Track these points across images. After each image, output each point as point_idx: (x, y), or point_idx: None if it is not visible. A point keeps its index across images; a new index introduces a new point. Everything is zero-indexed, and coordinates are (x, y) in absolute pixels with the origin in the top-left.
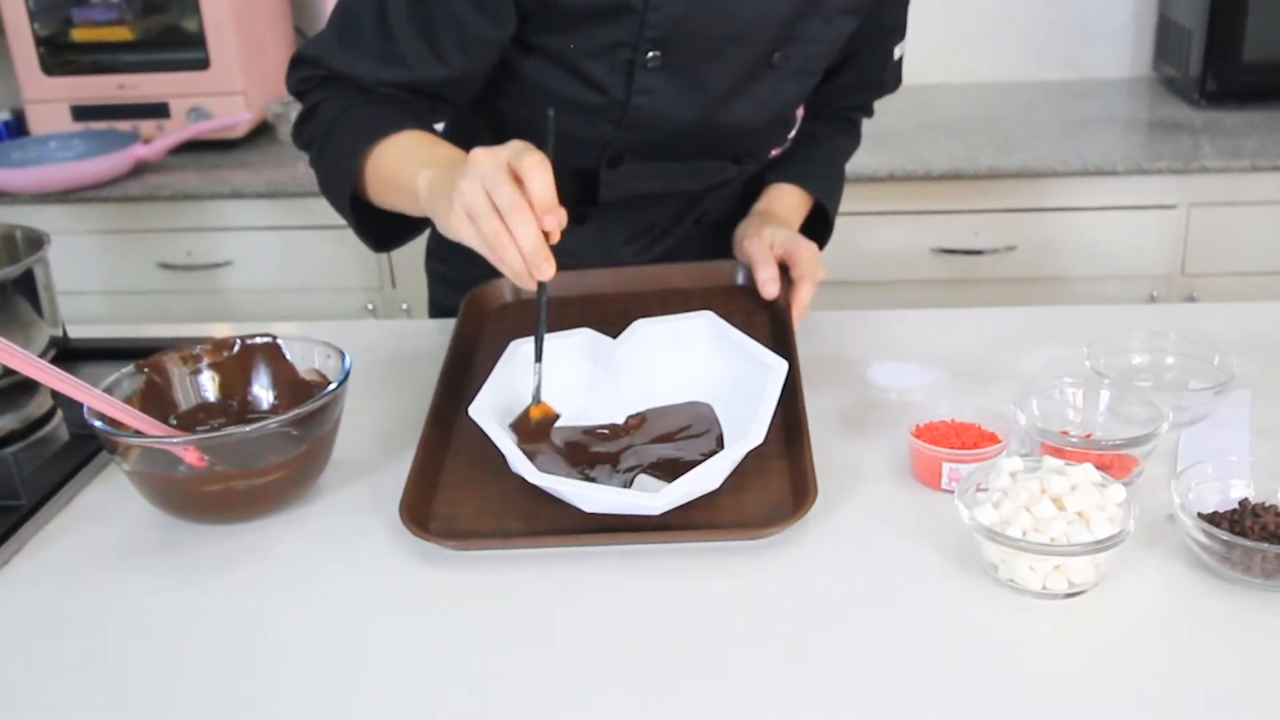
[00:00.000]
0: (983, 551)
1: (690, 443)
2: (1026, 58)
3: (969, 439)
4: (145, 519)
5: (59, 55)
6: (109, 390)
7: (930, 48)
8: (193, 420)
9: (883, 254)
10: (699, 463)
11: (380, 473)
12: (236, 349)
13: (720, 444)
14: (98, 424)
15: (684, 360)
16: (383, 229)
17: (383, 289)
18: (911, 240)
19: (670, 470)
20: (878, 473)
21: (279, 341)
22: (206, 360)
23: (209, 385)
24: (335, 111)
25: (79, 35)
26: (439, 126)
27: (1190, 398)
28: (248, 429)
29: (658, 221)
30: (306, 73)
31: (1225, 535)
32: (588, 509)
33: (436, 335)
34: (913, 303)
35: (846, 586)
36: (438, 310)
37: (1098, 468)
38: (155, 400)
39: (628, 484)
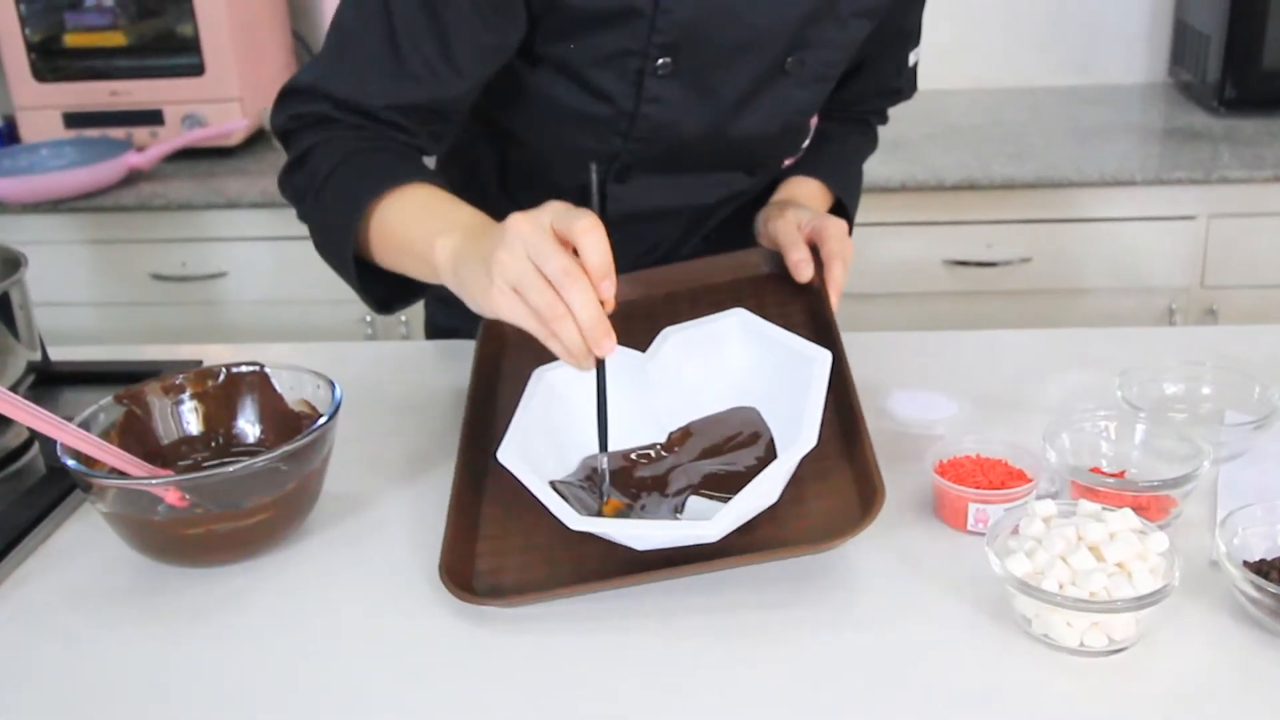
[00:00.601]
0: (1014, 604)
1: (740, 453)
2: (1037, 62)
3: (995, 477)
4: (124, 560)
5: (51, 61)
6: (85, 425)
7: (938, 51)
8: (175, 455)
9: (894, 266)
10: (752, 474)
11: (374, 508)
12: (221, 378)
13: (772, 449)
14: (70, 463)
15: (720, 364)
16: (388, 290)
17: None
18: (923, 252)
19: (722, 486)
20: (899, 511)
21: (267, 371)
22: (189, 390)
23: (192, 417)
24: (332, 160)
25: (72, 40)
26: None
27: (1229, 433)
28: (231, 469)
29: (665, 238)
30: (300, 108)
31: (1274, 588)
32: (641, 547)
33: (434, 358)
34: (925, 315)
35: (866, 638)
36: (434, 331)
37: (1133, 509)
38: (135, 434)
39: (679, 508)
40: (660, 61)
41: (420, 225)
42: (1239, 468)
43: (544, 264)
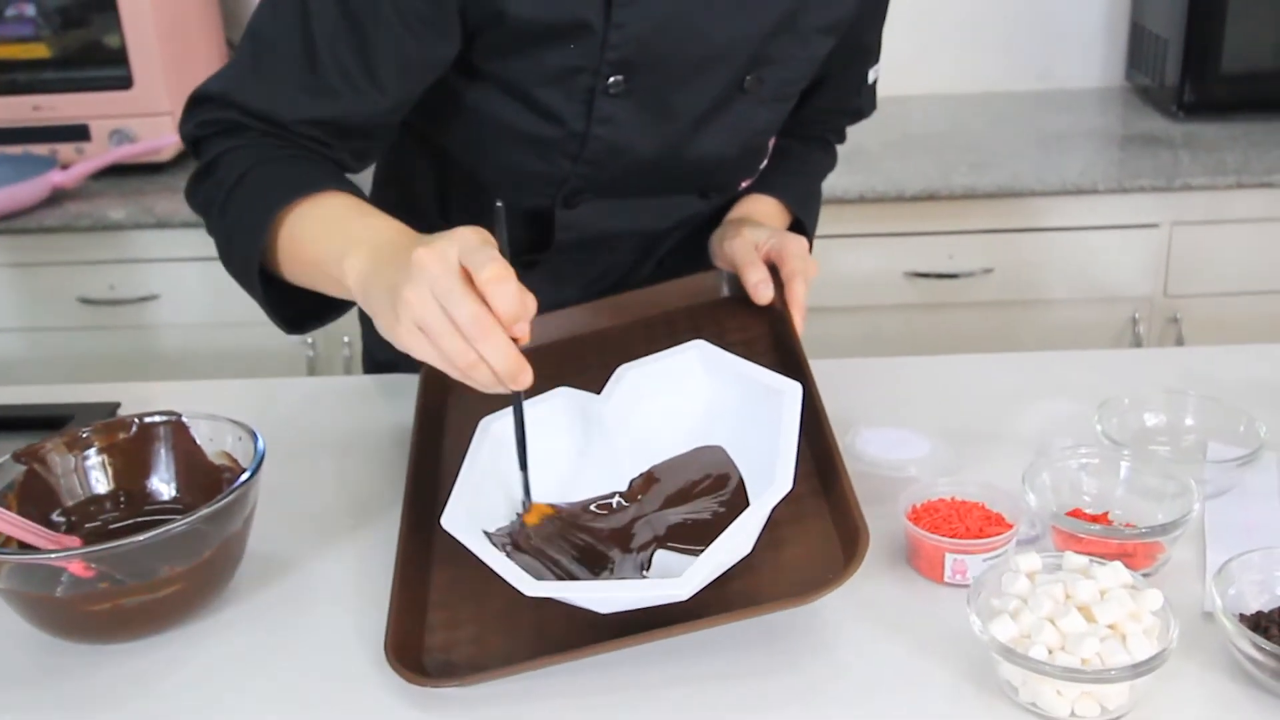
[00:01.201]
0: (999, 669)
1: (708, 499)
2: (994, 67)
3: (973, 523)
4: (24, 637)
5: None
6: None
7: (896, 58)
8: (82, 516)
9: (853, 278)
10: (722, 521)
11: (305, 570)
12: (134, 430)
13: (742, 491)
14: None
15: (682, 402)
16: (298, 308)
17: None
18: (883, 263)
19: (692, 536)
20: (871, 559)
21: (184, 420)
22: (98, 445)
23: (100, 474)
24: (240, 168)
25: None
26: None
27: (1214, 469)
28: (142, 537)
29: (616, 265)
30: (209, 114)
31: (1275, 647)
32: (604, 610)
33: (373, 395)
34: (886, 328)
35: (842, 709)
36: (372, 364)
37: (1119, 555)
38: (36, 496)
39: (645, 564)
40: (612, 80)
41: (331, 241)
42: (1225, 506)
43: (452, 310)
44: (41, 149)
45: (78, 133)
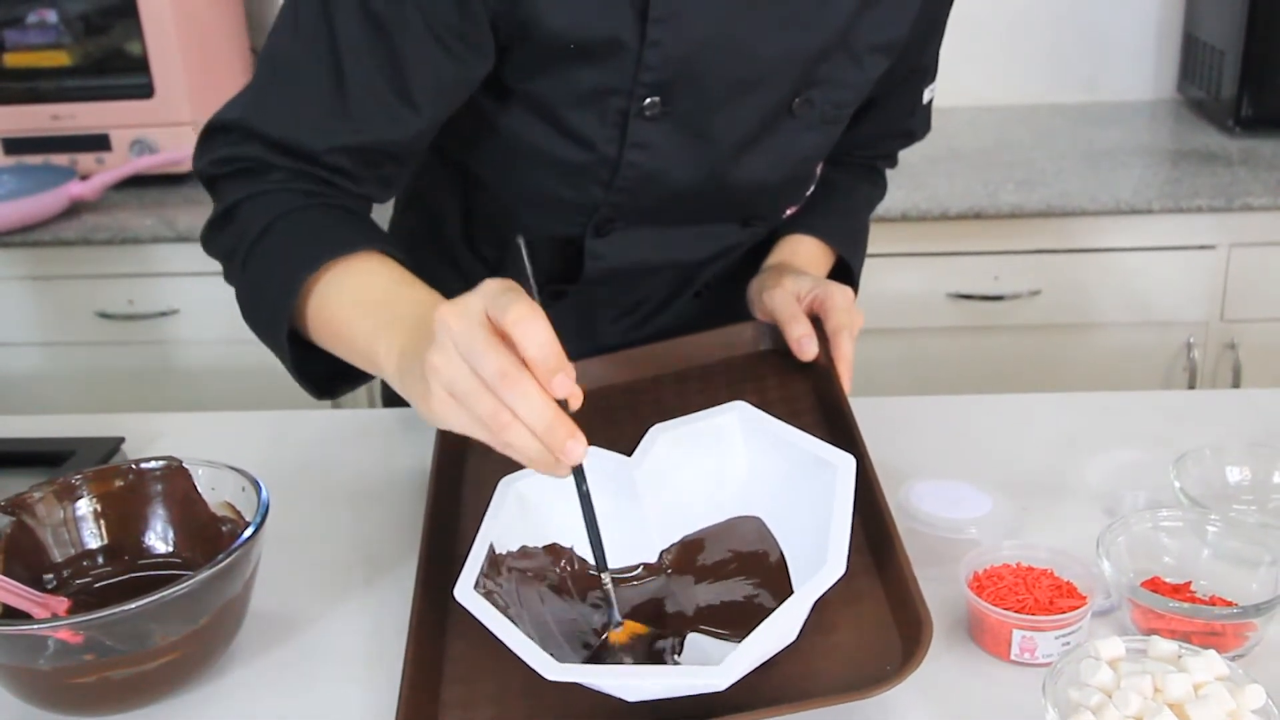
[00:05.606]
0: None
1: (745, 576)
2: (1040, 79)
3: (1042, 593)
4: (7, 708)
5: None
6: None
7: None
8: (73, 571)
9: (895, 299)
10: (758, 602)
11: (313, 631)
12: (130, 477)
13: (783, 568)
14: None
15: (719, 469)
16: (327, 372)
17: None
18: (926, 284)
19: (727, 618)
20: None
21: (185, 466)
22: (90, 493)
23: (92, 526)
24: (265, 218)
25: (11, 60)
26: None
27: None
28: (133, 605)
29: (650, 296)
30: (226, 150)
31: None
32: (633, 699)
33: (392, 430)
34: (929, 352)
35: None
36: (392, 395)
37: (1205, 633)
38: (25, 549)
39: (676, 647)
40: (648, 101)
41: (364, 317)
42: None
43: (479, 366)
44: (62, 159)
45: (98, 142)
